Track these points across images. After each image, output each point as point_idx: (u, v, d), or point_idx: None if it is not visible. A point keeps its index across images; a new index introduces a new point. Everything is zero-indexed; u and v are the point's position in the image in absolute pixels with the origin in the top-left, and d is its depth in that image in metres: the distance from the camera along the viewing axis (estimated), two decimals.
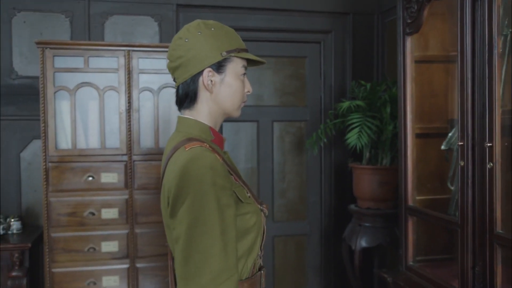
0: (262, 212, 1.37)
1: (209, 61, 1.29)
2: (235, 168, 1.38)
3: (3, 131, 3.24)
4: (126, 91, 2.96)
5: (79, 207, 2.92)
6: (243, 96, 1.38)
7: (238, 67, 1.34)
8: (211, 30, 1.31)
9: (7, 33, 3.20)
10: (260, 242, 1.37)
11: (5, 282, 2.83)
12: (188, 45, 1.29)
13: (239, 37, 1.38)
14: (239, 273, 1.28)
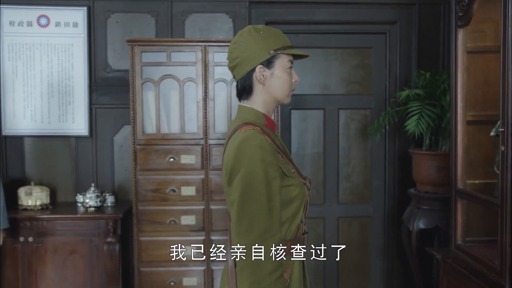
0: (305, 186, 1.63)
1: (260, 59, 1.57)
2: (283, 148, 1.66)
3: (99, 118, 3.72)
4: (203, 82, 3.31)
5: (162, 185, 3.33)
6: (291, 86, 1.65)
7: (284, 61, 1.61)
8: (260, 33, 1.59)
9: (103, 32, 3.68)
10: (303, 210, 1.63)
11: (102, 246, 3.31)
12: (242, 47, 1.58)
13: (284, 36, 1.64)
14: (283, 234, 1.55)
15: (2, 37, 3.59)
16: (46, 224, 3.31)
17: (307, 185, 1.65)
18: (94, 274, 3.34)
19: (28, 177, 3.66)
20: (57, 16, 3.60)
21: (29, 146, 3.70)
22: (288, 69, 1.62)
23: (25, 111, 3.64)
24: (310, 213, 3.79)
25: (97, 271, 3.34)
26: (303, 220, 1.65)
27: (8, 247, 3.29)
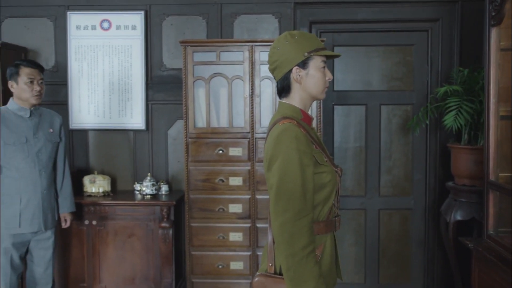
0: (336, 173, 1.83)
1: (296, 61, 1.78)
2: (318, 139, 1.86)
3: (155, 113, 4.03)
4: (249, 79, 3.54)
5: (211, 175, 3.60)
6: (324, 83, 1.84)
7: (318, 62, 1.81)
8: (295, 38, 1.79)
9: (159, 34, 3.98)
10: (335, 195, 1.83)
11: (156, 230, 3.61)
12: (280, 52, 1.79)
13: (317, 39, 1.84)
14: (316, 215, 1.76)
15: (69, 40, 3.96)
16: (108, 209, 3.65)
17: (339, 173, 1.85)
18: (149, 256, 3.65)
19: (92, 166, 4.03)
20: (118, 20, 3.93)
21: (92, 138, 4.07)
22: (322, 68, 1.82)
23: (89, 107, 4.00)
24: (352, 204, 3.98)
25: (153, 253, 3.65)
26: (335, 204, 1.84)
27: (75, 229, 3.66)
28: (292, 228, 1.65)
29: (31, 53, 4.02)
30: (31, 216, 3.03)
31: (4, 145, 2.96)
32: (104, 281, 3.68)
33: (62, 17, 3.99)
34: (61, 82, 4.00)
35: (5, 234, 2.99)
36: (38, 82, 3.06)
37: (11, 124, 3.00)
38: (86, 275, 3.68)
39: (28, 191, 3.02)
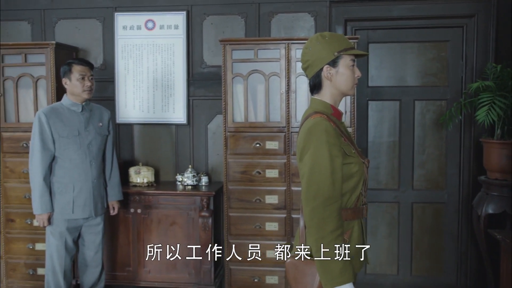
0: (364, 164, 1.97)
1: (326, 60, 1.92)
2: (347, 133, 2.00)
3: (195, 108, 4.24)
4: (286, 76, 3.69)
5: (249, 167, 3.77)
6: (353, 80, 1.98)
7: (347, 61, 1.95)
8: (325, 39, 1.94)
9: (200, 32, 4.18)
10: (362, 184, 1.97)
11: (197, 219, 3.82)
12: (311, 52, 1.94)
13: (347, 40, 1.98)
14: (344, 202, 1.90)
15: (116, 40, 4.21)
16: (152, 198, 3.88)
17: (366, 164, 1.99)
18: (190, 243, 3.86)
19: (137, 158, 4.28)
20: (161, 20, 4.15)
21: (137, 132, 4.31)
22: (351, 66, 1.96)
23: (135, 102, 4.24)
24: (385, 197, 4.09)
25: (193, 240, 3.85)
26: (363, 193, 1.99)
27: (121, 217, 3.91)
28: (321, 214, 1.80)
29: (81, 52, 4.30)
30: (83, 203, 3.28)
31: (59, 137, 3.22)
32: (148, 266, 3.92)
33: (110, 18, 4.24)
34: (108, 79, 4.26)
35: (60, 219, 3.26)
36: (89, 78, 3.30)
37: (65, 118, 3.26)
38: (131, 259, 3.93)
39: (80, 180, 3.28)
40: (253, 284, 3.79)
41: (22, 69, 3.95)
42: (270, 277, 3.77)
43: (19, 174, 3.95)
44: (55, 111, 3.26)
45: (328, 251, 1.80)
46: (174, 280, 3.91)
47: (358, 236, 1.96)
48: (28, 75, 3.93)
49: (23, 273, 4.01)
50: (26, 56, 3.93)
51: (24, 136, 3.92)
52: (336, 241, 1.80)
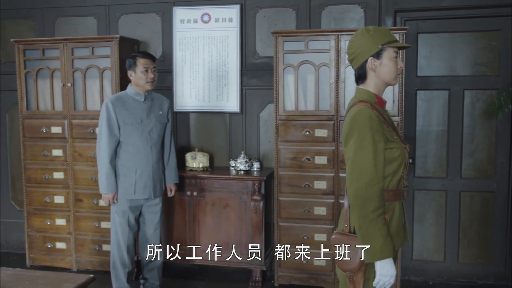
0: (405, 149, 2.11)
1: (370, 52, 2.07)
2: (389, 120, 2.14)
3: (248, 97, 4.44)
4: (335, 66, 3.82)
5: (298, 154, 3.94)
6: (396, 71, 2.11)
7: (390, 53, 2.08)
8: (370, 33, 2.08)
9: (252, 25, 4.36)
10: (404, 168, 2.10)
11: (249, 202, 4.03)
12: (357, 45, 2.08)
13: (390, 33, 2.11)
14: (386, 184, 2.05)
15: (174, 33, 4.47)
16: (206, 182, 4.13)
17: (407, 149, 2.13)
18: (242, 225, 4.09)
19: (193, 144, 4.54)
20: (217, 13, 4.37)
21: (193, 120, 4.57)
22: (394, 58, 2.10)
23: (191, 92, 4.50)
24: (432, 185, 4.17)
25: (245, 222, 4.08)
26: (404, 176, 2.12)
27: (178, 199, 4.18)
28: (364, 194, 1.96)
29: (142, 44, 4.59)
30: (143, 185, 3.56)
31: (124, 124, 3.51)
32: (203, 245, 4.18)
33: (169, 12, 4.50)
34: (167, 70, 4.53)
35: (123, 199, 3.56)
36: (152, 70, 3.57)
37: (129, 106, 3.54)
38: (187, 238, 4.21)
39: (142, 164, 3.56)
40: (301, 265, 3.97)
41: (89, 61, 4.27)
42: (318, 259, 3.94)
43: (87, 158, 4.30)
44: (120, 99, 3.55)
45: (369, 229, 1.95)
46: (227, 259, 4.14)
47: (399, 216, 2.10)
48: (95, 66, 4.25)
49: (90, 248, 4.37)
50: (93, 49, 4.25)
51: (91, 123, 4.26)
52: (377, 219, 1.96)
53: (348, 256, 2.04)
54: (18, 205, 5.06)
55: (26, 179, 4.49)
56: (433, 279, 4.24)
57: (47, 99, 4.44)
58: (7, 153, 5.08)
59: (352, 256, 2.03)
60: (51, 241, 4.47)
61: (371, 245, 1.95)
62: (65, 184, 4.39)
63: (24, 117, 4.46)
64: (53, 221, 4.44)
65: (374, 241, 1.95)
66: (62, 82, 4.31)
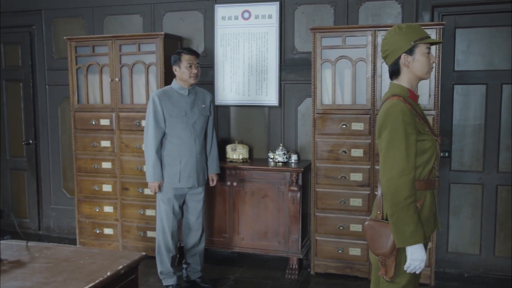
0: (436, 141, 2.21)
1: (404, 49, 2.17)
2: (422, 113, 2.24)
3: (287, 92, 4.58)
4: (372, 61, 3.92)
5: (335, 147, 4.06)
6: (429, 66, 2.22)
7: (423, 49, 2.19)
8: (402, 30, 2.18)
9: (291, 21, 4.50)
10: (435, 159, 2.21)
11: (286, 193, 4.18)
12: (390, 42, 2.20)
13: (422, 30, 2.21)
14: (417, 174, 2.16)
15: (216, 29, 4.65)
16: (246, 173, 4.30)
17: (438, 141, 2.23)
18: (280, 214, 4.25)
19: (233, 137, 4.73)
20: (257, 10, 4.52)
21: (233, 113, 4.75)
22: (426, 54, 2.20)
23: (231, 86, 4.67)
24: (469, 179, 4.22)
25: (282, 212, 4.23)
26: (435, 167, 2.23)
27: (219, 189, 4.37)
28: (396, 183, 2.08)
29: (185, 41, 4.79)
30: (187, 174, 3.77)
31: (169, 117, 3.71)
32: (242, 233, 4.37)
33: (210, 9, 4.69)
34: (209, 65, 4.72)
35: (168, 187, 3.77)
36: (195, 66, 3.75)
37: (174, 100, 3.75)
38: (227, 227, 4.40)
39: (186, 154, 3.76)
40: (337, 254, 4.10)
41: (136, 57, 4.51)
42: (353, 249, 4.06)
43: (133, 148, 4.55)
44: (166, 93, 3.75)
45: (401, 216, 2.07)
46: (265, 248, 4.32)
47: (430, 204, 2.21)
48: (141, 62, 4.48)
49: (135, 234, 4.63)
50: (139, 46, 4.48)
51: (137, 116, 4.49)
52: (408, 207, 2.07)
53: (380, 241, 2.17)
54: (69, 193, 5.37)
55: (77, 168, 4.78)
56: (468, 271, 4.29)
57: (96, 93, 4.70)
58: (59, 144, 5.39)
59: (384, 242, 2.16)
60: (100, 227, 4.75)
61: (402, 231, 2.07)
62: (112, 173, 4.65)
63: (75, 110, 4.74)
64: (101, 208, 4.72)
65: (405, 228, 2.07)
66: (110, 77, 4.56)
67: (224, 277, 4.24)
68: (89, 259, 2.07)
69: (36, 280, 1.84)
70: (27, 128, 5.53)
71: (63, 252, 2.16)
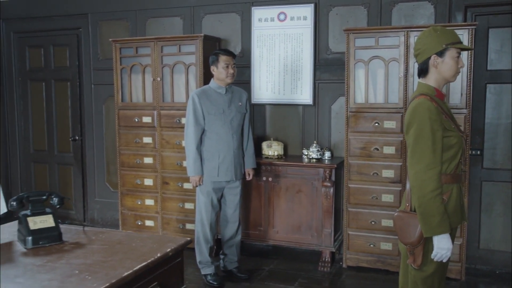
0: (462, 137, 2.33)
1: (435, 50, 2.31)
2: (448, 111, 2.37)
3: (321, 91, 4.73)
4: (404, 61, 4.02)
5: (367, 144, 4.19)
6: (456, 69, 2.34)
7: (453, 53, 2.31)
8: (437, 32, 2.32)
9: (326, 22, 4.64)
10: (461, 154, 2.33)
11: (320, 188, 4.34)
12: (423, 42, 2.33)
13: (456, 35, 2.34)
14: (444, 168, 2.28)
15: (253, 31, 4.84)
16: (281, 169, 4.48)
17: (464, 137, 2.36)
18: (313, 209, 4.40)
19: (268, 134, 4.91)
20: (292, 12, 4.69)
21: (269, 111, 4.93)
22: (456, 58, 2.33)
23: (267, 85, 4.86)
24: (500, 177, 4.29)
25: (316, 206, 4.39)
26: (462, 162, 2.35)
27: (255, 184, 4.56)
28: (423, 176, 2.22)
29: (223, 42, 5.00)
30: (225, 168, 3.97)
31: (208, 114, 3.92)
32: (277, 227, 4.54)
33: (247, 12, 4.88)
34: (245, 65, 4.91)
35: (207, 181, 3.98)
36: (232, 66, 3.95)
37: (212, 99, 3.95)
38: (263, 221, 4.59)
39: (224, 150, 3.96)
40: (368, 248, 4.23)
41: (176, 57, 4.74)
42: (384, 243, 4.18)
43: (173, 145, 4.78)
44: (205, 92, 3.97)
45: (428, 207, 2.21)
46: (298, 241, 4.49)
47: (456, 197, 2.33)
48: (181, 62, 4.71)
49: (175, 226, 4.87)
50: (180, 47, 4.71)
51: (177, 114, 4.73)
52: (435, 199, 2.21)
53: (409, 231, 2.31)
54: (112, 187, 5.67)
55: (120, 163, 5.06)
56: (500, 268, 4.35)
57: (139, 92, 4.96)
58: (103, 140, 5.69)
59: (412, 231, 2.30)
60: (141, 219, 5.01)
61: (429, 221, 2.21)
62: (153, 168, 4.90)
63: (119, 108, 5.01)
64: (143, 201, 4.98)
65: (432, 218, 2.21)
66: (152, 77, 4.81)
67: (259, 268, 4.43)
68: (140, 242, 2.28)
69: (96, 258, 2.07)
70: (74, 125, 5.86)
71: (116, 236, 2.39)
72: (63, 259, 2.07)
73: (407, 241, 2.33)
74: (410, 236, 2.31)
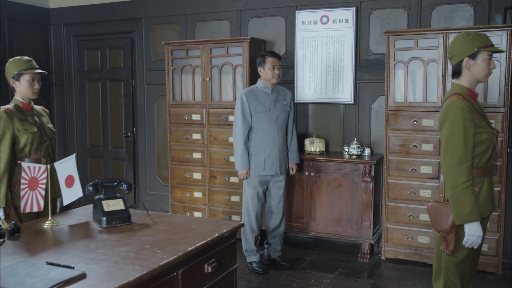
0: (493, 134, 2.52)
1: (467, 53, 2.51)
2: (480, 110, 2.56)
3: (361, 90, 4.94)
4: (443, 62, 4.19)
5: (406, 141, 4.37)
6: (488, 71, 2.53)
7: (485, 55, 2.51)
8: (470, 37, 2.51)
9: (366, 25, 4.85)
10: (492, 149, 2.52)
11: (360, 183, 4.55)
12: (457, 45, 2.54)
13: (488, 39, 2.53)
14: (476, 162, 2.48)
15: (297, 33, 5.10)
16: (322, 164, 4.71)
17: (495, 134, 2.55)
18: (353, 203, 4.62)
19: (311, 132, 5.15)
20: (334, 15, 4.91)
21: (311, 110, 5.17)
22: (487, 60, 2.52)
23: (310, 85, 5.10)
24: None
25: (356, 201, 4.60)
26: (493, 157, 2.54)
27: (297, 178, 4.82)
28: (456, 169, 2.43)
29: (268, 44, 5.28)
30: (271, 163, 4.24)
31: (255, 112, 4.20)
32: (318, 219, 4.78)
33: (292, 15, 5.14)
34: (289, 66, 5.17)
35: (254, 175, 4.26)
36: (278, 67, 4.22)
37: (259, 98, 4.23)
38: (304, 213, 4.84)
39: (270, 145, 4.23)
40: (406, 241, 4.41)
41: (224, 59, 5.05)
42: (422, 237, 4.36)
43: (220, 141, 5.09)
44: (252, 92, 4.25)
45: (460, 197, 2.42)
46: (339, 233, 4.71)
47: (487, 189, 2.53)
48: (229, 63, 5.02)
49: (221, 218, 5.17)
50: (227, 49, 5.01)
51: (225, 112, 5.03)
52: (466, 189, 2.41)
53: (442, 219, 2.52)
54: (162, 180, 6.04)
55: (171, 158, 5.41)
56: None
57: (189, 91, 5.30)
58: (154, 137, 6.07)
59: (445, 219, 2.51)
60: (190, 210, 5.34)
61: (461, 210, 2.42)
62: (202, 163, 5.23)
63: (170, 106, 5.37)
64: (192, 194, 5.32)
65: (463, 207, 2.41)
66: (201, 77, 5.14)
67: (301, 258, 4.68)
68: (198, 224, 2.58)
69: (162, 236, 2.38)
70: (127, 123, 6.27)
71: (177, 219, 2.70)
72: (134, 236, 2.39)
73: (440, 229, 2.54)
74: (443, 224, 2.52)
